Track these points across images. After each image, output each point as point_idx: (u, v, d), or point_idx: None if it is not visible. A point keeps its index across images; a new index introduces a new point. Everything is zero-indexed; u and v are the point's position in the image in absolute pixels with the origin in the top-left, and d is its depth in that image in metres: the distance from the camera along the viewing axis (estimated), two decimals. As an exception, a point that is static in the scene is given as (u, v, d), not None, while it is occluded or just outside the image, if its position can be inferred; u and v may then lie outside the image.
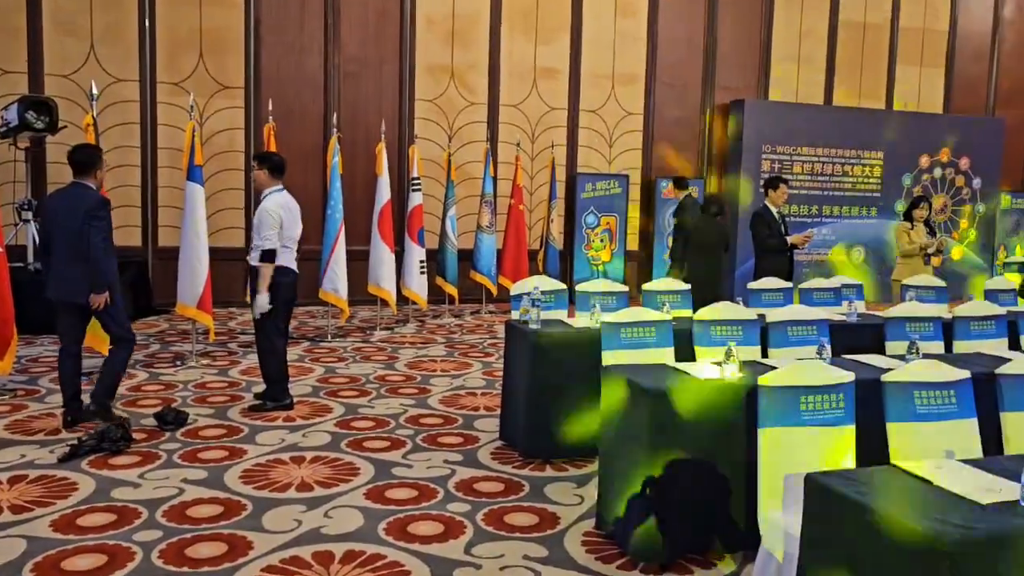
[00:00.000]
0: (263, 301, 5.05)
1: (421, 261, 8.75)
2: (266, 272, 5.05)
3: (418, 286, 8.74)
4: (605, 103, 10.97)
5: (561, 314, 5.25)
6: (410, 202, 8.85)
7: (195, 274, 6.42)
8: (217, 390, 5.85)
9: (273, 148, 7.36)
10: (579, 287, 5.45)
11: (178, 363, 6.62)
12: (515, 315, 4.98)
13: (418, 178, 8.97)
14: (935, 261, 7.34)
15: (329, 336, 7.93)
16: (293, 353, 7.01)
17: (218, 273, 7.34)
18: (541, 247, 10.10)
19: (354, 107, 9.82)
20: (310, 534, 3.47)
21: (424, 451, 4.62)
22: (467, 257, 9.59)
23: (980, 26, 12.77)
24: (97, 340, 5.54)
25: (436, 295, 9.45)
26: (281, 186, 5.28)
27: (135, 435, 4.60)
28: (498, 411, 5.11)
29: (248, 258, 5.33)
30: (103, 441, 4.37)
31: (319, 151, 9.42)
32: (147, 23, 9.11)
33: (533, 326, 4.56)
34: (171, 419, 4.87)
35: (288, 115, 9.31)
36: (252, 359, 6.88)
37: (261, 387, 5.58)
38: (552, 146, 10.38)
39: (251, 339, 7.71)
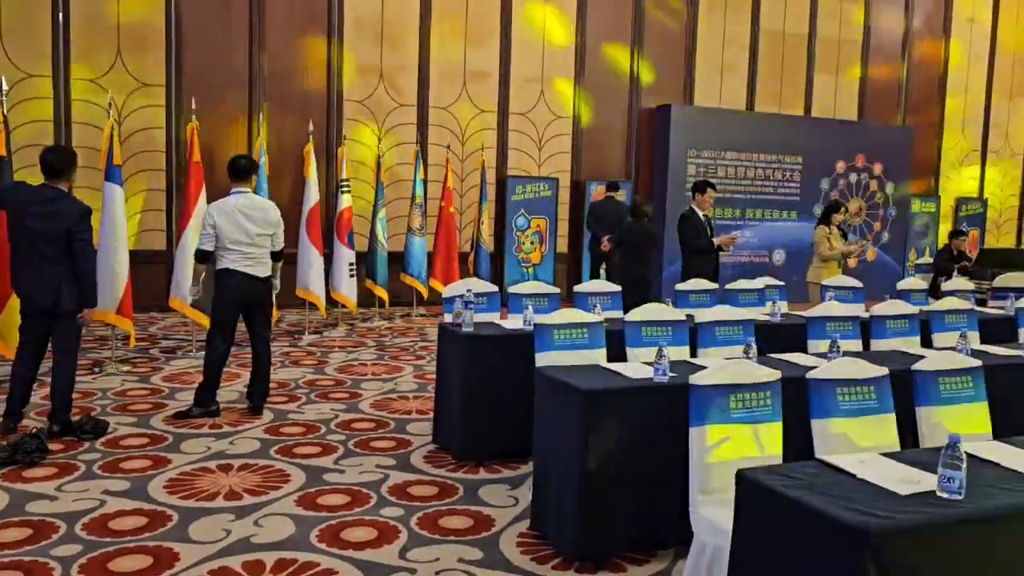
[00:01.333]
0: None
1: (350, 264, 8.64)
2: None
3: (347, 289, 8.63)
4: (535, 106, 11.04)
5: (493, 316, 5.26)
6: (339, 204, 8.72)
7: (114, 278, 6.18)
8: (139, 397, 5.65)
9: (195, 149, 7.16)
10: (511, 289, 5.47)
11: (96, 370, 6.37)
12: (447, 318, 4.96)
13: (347, 180, 8.86)
14: (852, 263, 7.57)
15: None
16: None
17: (138, 277, 7.08)
18: (472, 249, 10.10)
19: (281, 108, 9.63)
20: (239, 544, 3.38)
21: (356, 456, 4.56)
22: (397, 260, 9.51)
23: (891, 36, 13.32)
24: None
25: (366, 298, 9.35)
26: (242, 189, 5.22)
27: (50, 446, 4.41)
28: (431, 414, 5.08)
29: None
30: (16, 453, 4.17)
31: (244, 152, 9.20)
32: (60, 16, 8.75)
33: (466, 329, 4.55)
34: (89, 428, 4.69)
35: (212, 115, 9.08)
36: (176, 365, 6.69)
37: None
38: (482, 148, 10.40)
39: (174, 344, 7.52)
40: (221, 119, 9.35)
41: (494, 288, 5.48)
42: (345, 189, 8.79)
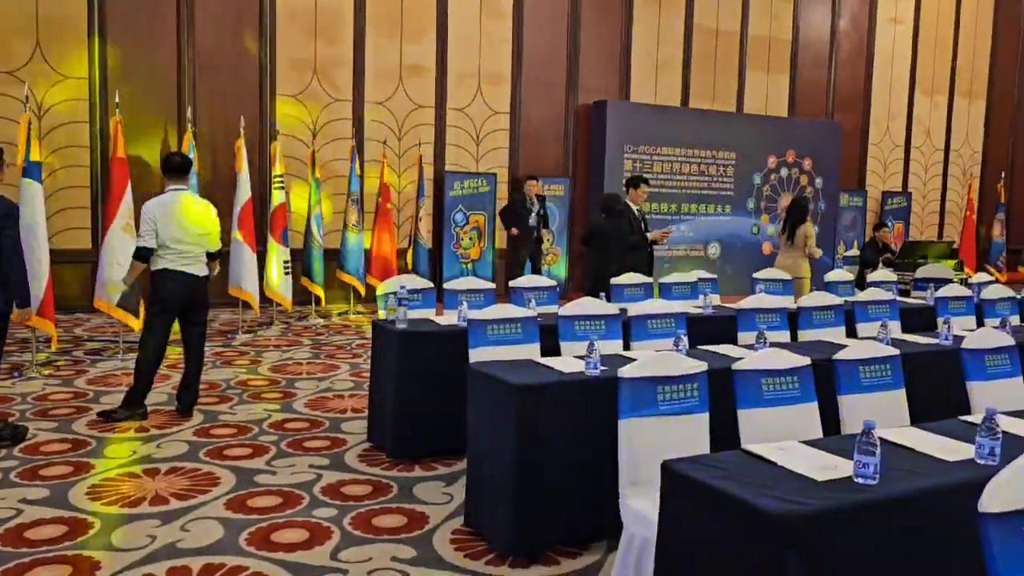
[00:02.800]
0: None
1: (285, 261, 8.49)
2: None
3: (282, 287, 8.48)
4: (472, 102, 11.01)
5: (429, 313, 5.23)
6: (272, 200, 8.56)
7: (34, 279, 5.95)
8: (60, 402, 5.46)
9: (120, 144, 6.93)
10: (446, 285, 5.45)
11: (16, 375, 6.13)
12: (381, 314, 4.91)
13: (281, 175, 8.71)
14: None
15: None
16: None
17: (60, 277, 6.85)
18: (410, 246, 10.02)
19: (211, 101, 9.40)
20: (165, 550, 3.29)
21: (289, 457, 4.48)
22: (334, 257, 9.39)
23: (819, 35, 13.67)
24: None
25: (302, 296, 9.21)
26: (178, 187, 5.13)
27: (-35, 454, 4.23)
28: (366, 413, 5.03)
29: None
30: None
31: (172, 147, 8.96)
32: (-26, 6, 8.39)
33: (400, 325, 4.51)
34: (7, 435, 4.51)
35: (138, 109, 8.81)
36: (102, 367, 6.48)
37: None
38: (419, 144, 10.33)
39: (99, 346, 7.28)
40: (148, 113, 9.09)
41: (429, 284, 5.45)
42: (279, 185, 8.63)
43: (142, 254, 5.01)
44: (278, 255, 8.42)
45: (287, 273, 8.51)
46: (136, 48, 9.09)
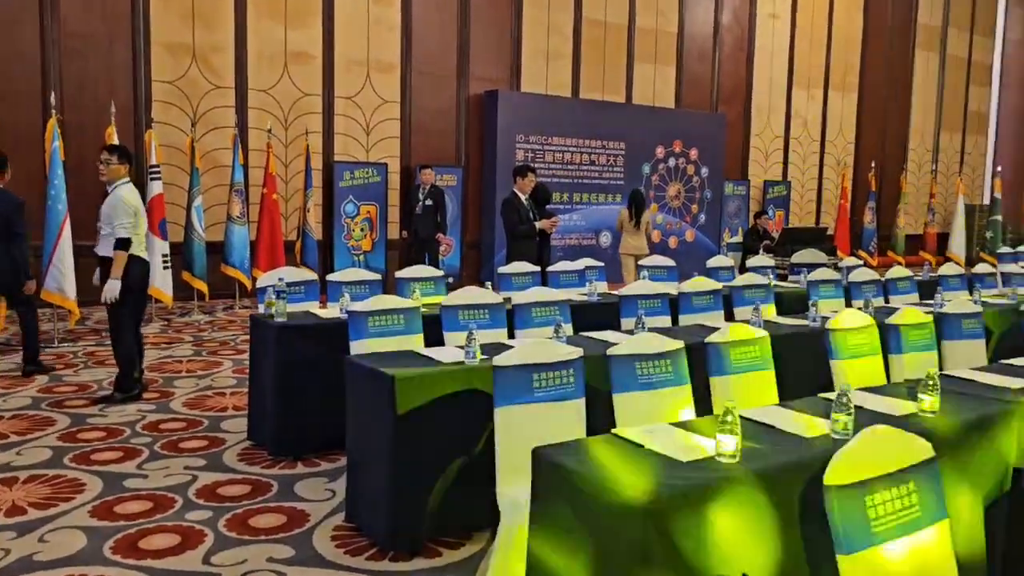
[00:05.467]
0: (115, 287, 5.09)
1: (164, 255, 8.12)
2: (120, 259, 5.12)
3: (161, 282, 8.10)
4: (361, 90, 10.80)
5: (313, 305, 5.10)
6: (149, 192, 8.13)
7: None
8: (-92, 410, 5.06)
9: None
10: (330, 277, 5.33)
11: None
12: (261, 308, 4.76)
13: (157, 166, 8.31)
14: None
15: (56, 341, 7.13)
16: (10, 363, 6.27)
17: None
18: (298, 238, 9.75)
19: (79, 87, 8.88)
20: (20, 563, 3.09)
21: (162, 459, 4.29)
22: (217, 250, 9.05)
23: (703, 29, 14.08)
24: None
25: (183, 291, 8.84)
26: (128, 178, 5.36)
27: None
28: (247, 411, 4.86)
29: (96, 249, 5.35)
30: None
31: (36, 134, 8.38)
32: None
33: (278, 319, 4.38)
34: None
35: (-3, 94, 8.24)
36: (-43, 372, 6.05)
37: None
38: (307, 133, 10.06)
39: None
40: (7, 98, 8.50)
41: (312, 276, 5.31)
42: (155, 176, 8.23)
43: (126, 244, 5.15)
44: (156, 249, 8.03)
45: (166, 267, 8.15)
46: (-7, 29, 8.48)
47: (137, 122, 9.14)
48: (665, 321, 5.20)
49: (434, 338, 4.33)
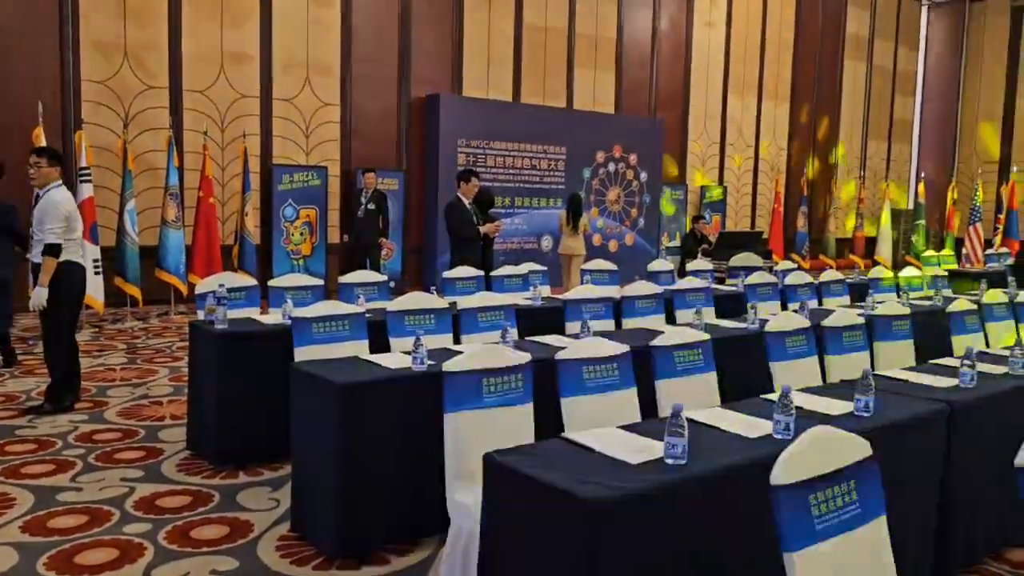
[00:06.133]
0: (42, 295, 4.92)
1: (95, 260, 7.87)
2: (48, 266, 4.95)
3: (93, 288, 7.81)
4: (300, 92, 10.65)
5: (253, 312, 5.02)
6: (79, 195, 7.87)
7: None
8: None
9: None
10: (271, 282, 5.24)
11: None
12: (201, 315, 4.66)
13: (88, 168, 8.06)
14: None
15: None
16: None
17: None
18: (236, 242, 9.56)
19: (2, 86, 8.54)
20: (-54, 583, 2.96)
21: (97, 471, 4.16)
22: (151, 254, 8.80)
23: (642, 36, 14.30)
24: None
25: (116, 297, 8.58)
26: (61, 181, 5.22)
27: None
28: (186, 420, 4.75)
29: (30, 255, 5.32)
30: None
31: (-42, 135, 8.08)
32: None
33: (219, 326, 4.29)
34: None
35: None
36: None
37: None
38: (244, 135, 9.87)
39: None
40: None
41: (252, 282, 5.23)
42: (85, 178, 7.98)
43: (55, 250, 4.98)
44: (87, 253, 7.77)
45: (98, 273, 7.89)
46: (-90, 23, 8.11)
47: (66, 123, 8.84)
48: (609, 325, 5.26)
49: (378, 344, 4.30)
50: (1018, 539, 3.52)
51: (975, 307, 5.31)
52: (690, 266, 8.00)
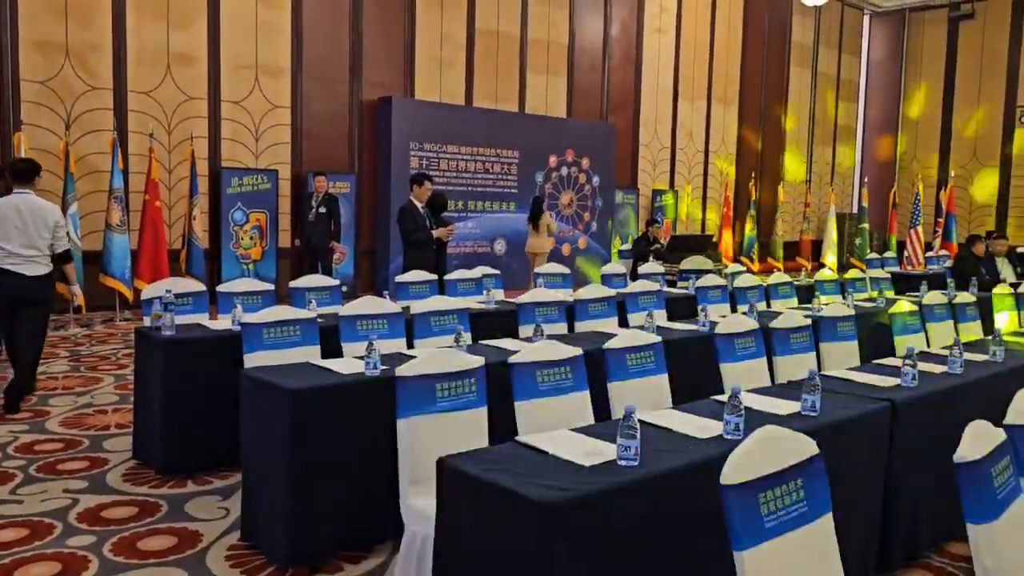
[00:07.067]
0: None
1: (36, 265, 7.63)
2: None
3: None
4: (249, 94, 10.50)
5: (202, 317, 4.92)
6: (18, 198, 7.64)
7: None
8: None
9: None
10: (220, 287, 5.15)
11: None
12: (147, 321, 4.55)
13: (28, 170, 7.80)
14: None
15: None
16: None
17: None
18: (183, 246, 9.37)
19: (-63, 85, 8.26)
20: None
21: (38, 482, 4.03)
22: (94, 259, 8.58)
23: (593, 41, 14.42)
24: None
25: (58, 303, 8.31)
26: (21, 191, 5.24)
27: None
28: (131, 428, 4.64)
29: None
30: None
31: None
32: None
33: (166, 332, 4.20)
34: None
35: None
36: None
37: None
38: (192, 138, 9.68)
39: None
40: None
41: (201, 287, 5.13)
42: (25, 181, 7.72)
43: None
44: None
45: (38, 278, 7.65)
46: None
47: (4, 123, 8.58)
48: (562, 328, 5.29)
49: (330, 349, 4.26)
50: (959, 532, 3.62)
51: (916, 308, 5.46)
52: (642, 269, 8.08)
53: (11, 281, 5.11)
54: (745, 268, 9.21)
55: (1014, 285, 7.45)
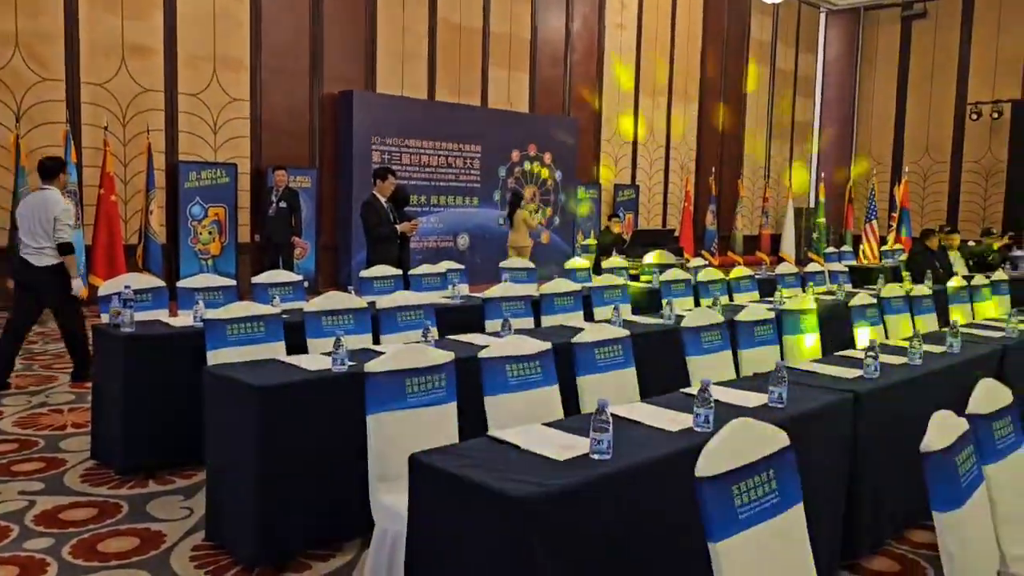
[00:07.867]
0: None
1: (-14, 261, 7.43)
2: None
3: (-17, 291, 7.39)
4: (207, 87, 10.31)
5: (161, 314, 4.83)
6: (-33, 192, 7.44)
7: None
8: None
9: None
10: (180, 283, 5.05)
11: None
12: (105, 318, 4.45)
13: (-24, 164, 7.59)
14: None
15: None
16: None
17: None
18: (140, 241, 9.18)
19: None
20: None
21: (-8, 485, 3.92)
22: (48, 255, 8.35)
23: (555, 35, 14.42)
24: None
25: (9, 300, 8.08)
26: (44, 187, 5.66)
27: None
28: (89, 428, 4.53)
29: None
30: None
31: None
32: None
33: (125, 329, 4.11)
34: None
35: None
36: None
37: None
38: (148, 131, 9.48)
39: None
40: None
41: (160, 283, 5.03)
42: (-26, 174, 7.52)
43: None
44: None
45: (-11, 275, 7.44)
46: None
47: (-49, 116, 8.32)
48: (528, 322, 5.29)
49: (295, 345, 4.20)
50: (919, 520, 3.70)
51: (875, 301, 5.57)
52: (606, 264, 8.12)
53: (24, 268, 5.61)
54: (707, 262, 9.31)
55: (967, 278, 7.63)
